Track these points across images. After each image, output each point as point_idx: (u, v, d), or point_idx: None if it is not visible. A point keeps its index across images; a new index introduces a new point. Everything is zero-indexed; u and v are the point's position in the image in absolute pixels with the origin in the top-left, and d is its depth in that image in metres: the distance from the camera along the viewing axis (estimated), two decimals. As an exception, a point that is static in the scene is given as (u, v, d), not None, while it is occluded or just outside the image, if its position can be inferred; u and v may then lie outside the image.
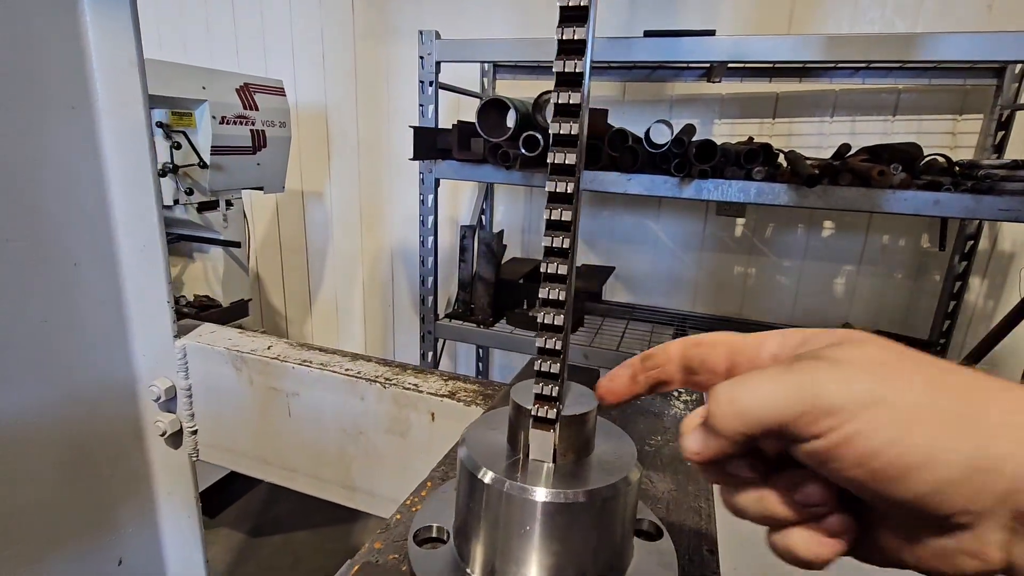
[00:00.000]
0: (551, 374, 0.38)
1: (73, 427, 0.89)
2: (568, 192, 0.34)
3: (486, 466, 0.39)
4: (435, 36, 1.91)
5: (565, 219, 0.35)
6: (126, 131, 0.84)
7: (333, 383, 0.87)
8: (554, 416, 0.39)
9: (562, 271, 0.36)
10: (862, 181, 1.62)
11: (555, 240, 0.35)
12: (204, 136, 2.10)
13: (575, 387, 0.44)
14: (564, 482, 0.38)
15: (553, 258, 0.36)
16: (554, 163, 0.34)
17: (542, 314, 0.37)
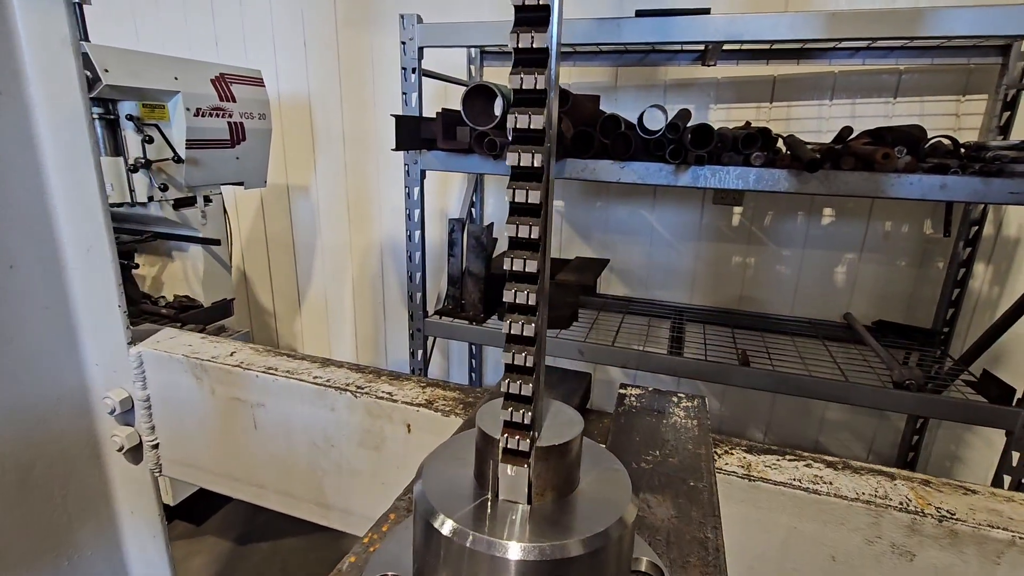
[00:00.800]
0: (522, 396, 0.31)
1: (18, 445, 0.81)
2: (536, 167, 0.26)
3: (445, 511, 0.32)
4: (417, 20, 1.82)
5: (532, 201, 0.27)
6: (63, 118, 0.76)
7: (301, 392, 0.79)
8: (527, 448, 0.31)
9: (531, 268, 0.28)
10: (865, 165, 1.55)
11: (520, 228, 0.28)
12: (178, 129, 2.00)
13: (555, 407, 0.37)
14: (542, 531, 0.31)
15: (519, 252, 0.29)
16: (515, 128, 0.26)
17: (508, 322, 0.30)
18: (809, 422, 2.50)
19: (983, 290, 2.13)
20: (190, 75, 2.01)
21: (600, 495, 0.34)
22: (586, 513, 0.33)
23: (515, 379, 0.30)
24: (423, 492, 0.34)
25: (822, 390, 1.72)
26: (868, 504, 0.56)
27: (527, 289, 0.28)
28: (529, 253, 0.27)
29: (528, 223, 0.27)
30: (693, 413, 0.65)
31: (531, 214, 0.27)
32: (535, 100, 0.25)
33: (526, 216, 0.27)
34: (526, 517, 0.32)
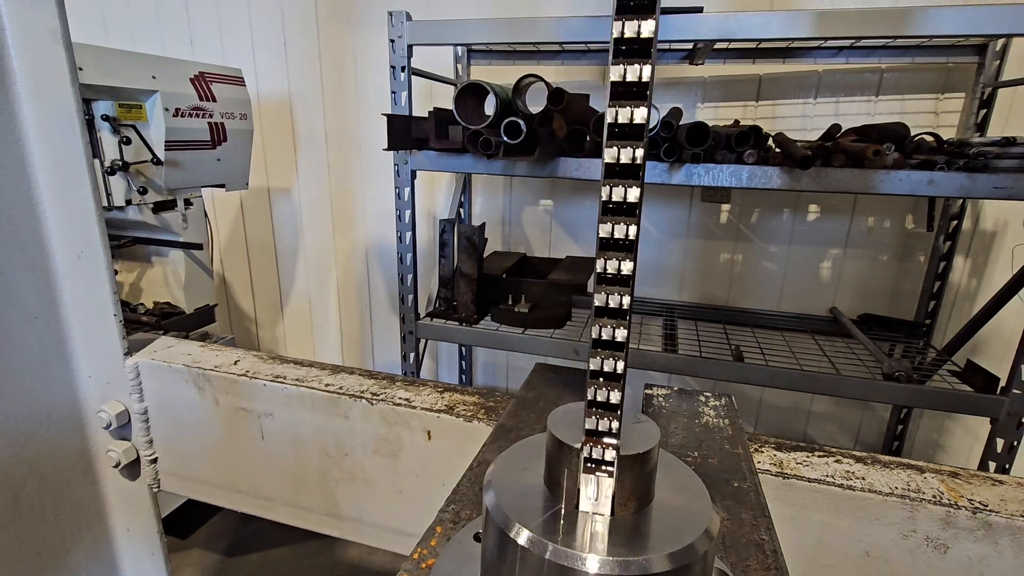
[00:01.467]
0: (610, 404, 0.29)
1: (7, 463, 0.77)
2: (636, 163, 0.25)
3: (520, 521, 0.30)
4: (406, 17, 1.79)
5: (631, 200, 0.25)
6: (53, 116, 0.71)
7: (312, 400, 0.76)
8: (613, 458, 0.30)
9: (626, 270, 0.27)
10: (855, 162, 1.58)
11: (616, 228, 0.26)
12: (157, 130, 1.93)
13: (637, 419, 0.35)
14: (628, 543, 0.29)
15: (612, 253, 0.27)
16: (615, 123, 0.24)
17: (597, 326, 0.28)
18: (797, 415, 2.54)
19: (962, 283, 2.19)
20: (168, 74, 1.94)
21: (680, 505, 0.33)
22: (669, 525, 0.31)
23: (602, 386, 0.29)
24: (497, 502, 0.32)
25: (816, 384, 1.74)
26: (903, 499, 0.56)
27: (619, 292, 0.27)
28: (624, 254, 0.26)
29: (624, 222, 0.25)
30: (723, 412, 0.65)
31: (628, 213, 0.25)
32: (637, 93, 0.23)
33: (621, 216, 0.25)
34: (608, 529, 0.31)
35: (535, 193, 2.59)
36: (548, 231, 2.64)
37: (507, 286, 2.17)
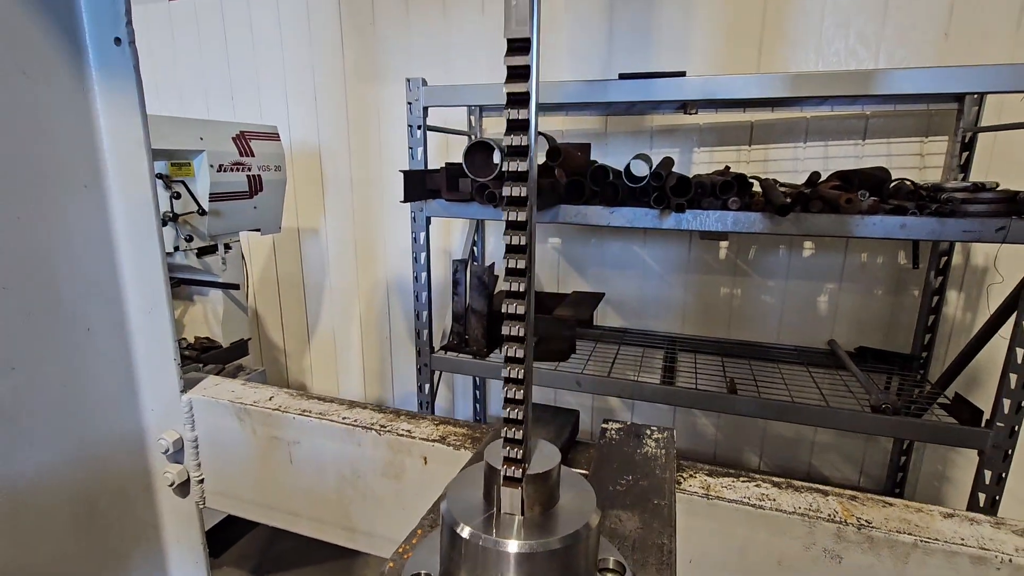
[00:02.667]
0: (516, 440, 0.44)
1: (86, 482, 0.94)
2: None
3: (464, 521, 0.45)
4: (422, 83, 2.01)
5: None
6: (134, 206, 0.91)
7: (331, 431, 0.93)
8: (520, 475, 0.45)
9: (519, 354, 0.42)
10: (832, 208, 1.70)
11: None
12: (202, 184, 2.18)
13: (541, 445, 0.50)
14: (532, 534, 0.44)
15: (512, 343, 0.43)
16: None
17: (504, 388, 0.44)
18: (801, 445, 2.60)
19: (957, 316, 2.26)
20: (214, 135, 2.19)
21: (574, 508, 0.47)
22: (563, 521, 0.46)
23: (511, 428, 0.44)
24: (448, 508, 0.47)
25: (805, 415, 1.83)
26: (804, 516, 0.69)
27: (516, 368, 0.42)
28: (519, 327, 0.41)
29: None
30: (662, 444, 0.78)
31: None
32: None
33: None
34: (520, 525, 0.46)
35: (544, 232, 2.76)
36: (556, 267, 2.79)
37: (515, 321, 2.32)
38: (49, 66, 0.83)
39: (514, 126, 0.38)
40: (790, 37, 2.22)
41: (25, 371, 0.84)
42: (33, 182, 0.83)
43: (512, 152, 0.39)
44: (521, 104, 0.38)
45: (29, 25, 0.80)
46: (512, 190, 0.41)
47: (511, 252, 0.41)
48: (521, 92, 0.37)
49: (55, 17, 0.83)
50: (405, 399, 3.31)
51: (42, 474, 0.88)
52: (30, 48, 0.81)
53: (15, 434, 0.83)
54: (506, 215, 0.41)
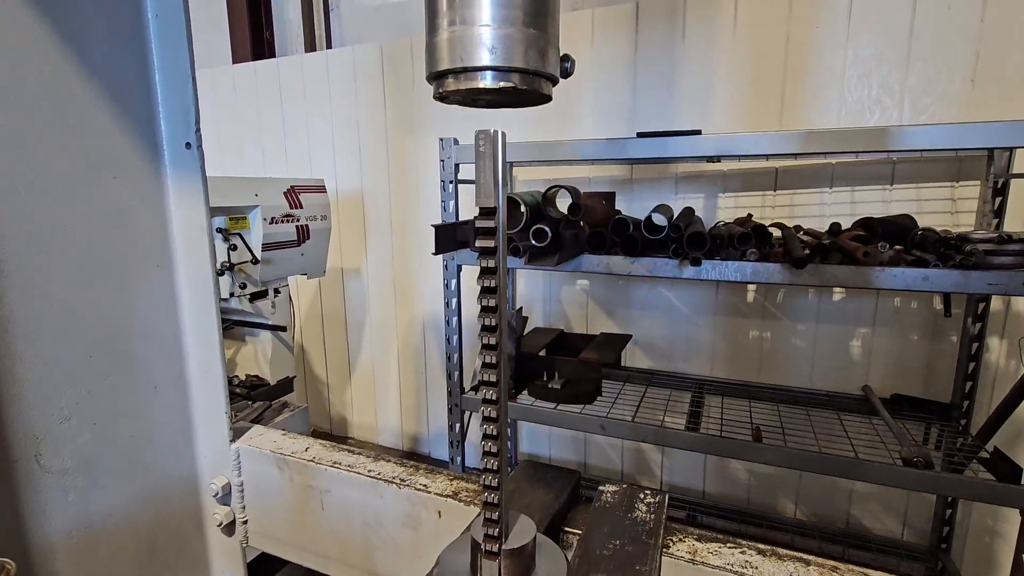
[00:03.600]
0: (494, 520, 0.53)
1: (148, 522, 1.08)
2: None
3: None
4: (454, 143, 2.16)
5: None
6: (196, 282, 1.06)
7: (358, 483, 1.03)
8: (497, 550, 0.53)
9: (494, 448, 0.51)
10: (851, 259, 1.72)
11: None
12: (256, 235, 2.38)
13: (520, 519, 0.59)
14: (506, 601, 0.52)
15: (487, 425, 0.52)
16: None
17: (483, 477, 0.53)
18: (839, 494, 2.53)
19: (1000, 364, 2.18)
20: (267, 190, 2.41)
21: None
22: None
23: (490, 511, 0.53)
24: (440, 574, 0.56)
25: (832, 467, 1.81)
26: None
27: (492, 460, 0.51)
28: (493, 429, 0.50)
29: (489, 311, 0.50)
30: (653, 509, 0.85)
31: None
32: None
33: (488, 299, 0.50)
34: (499, 593, 0.54)
35: (572, 275, 2.84)
36: (585, 308, 2.86)
37: (542, 363, 2.39)
38: (134, 169, 1.00)
39: (486, 290, 0.48)
40: (812, 88, 2.26)
41: (103, 425, 0.98)
42: (117, 264, 0.99)
43: (484, 291, 0.49)
44: (489, 254, 0.48)
45: (121, 137, 0.97)
46: (486, 309, 0.50)
47: (486, 387, 0.50)
48: (490, 247, 0.47)
49: (141, 128, 1.00)
50: (440, 434, 3.40)
51: (113, 514, 1.01)
52: (121, 155, 0.98)
53: (93, 480, 0.97)
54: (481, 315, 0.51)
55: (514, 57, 0.45)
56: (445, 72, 0.47)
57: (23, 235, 0.84)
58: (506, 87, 0.46)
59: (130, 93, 0.97)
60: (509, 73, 0.46)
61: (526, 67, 0.46)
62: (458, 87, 0.47)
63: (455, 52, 0.45)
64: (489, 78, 0.46)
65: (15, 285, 0.83)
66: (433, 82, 0.51)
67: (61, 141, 0.88)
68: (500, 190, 0.46)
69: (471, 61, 0.45)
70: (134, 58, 0.97)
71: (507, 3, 0.44)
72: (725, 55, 2.38)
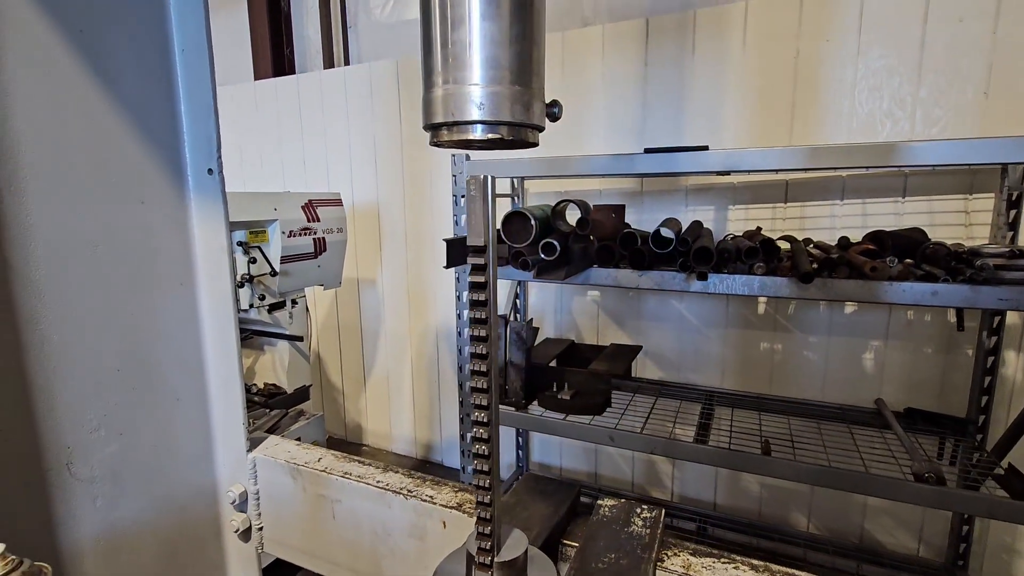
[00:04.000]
0: (487, 534, 0.57)
1: (169, 528, 1.13)
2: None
3: (448, 597, 0.58)
4: (466, 158, 2.21)
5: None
6: (217, 300, 1.12)
7: (367, 493, 1.07)
8: (490, 562, 0.57)
9: (485, 467, 0.55)
10: (859, 274, 1.72)
11: (479, 446, 0.55)
12: (275, 248, 2.46)
13: (513, 533, 0.62)
14: (498, 611, 0.56)
15: (478, 445, 0.55)
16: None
17: (476, 493, 0.56)
18: (852, 508, 2.50)
19: (1017, 378, 2.15)
20: (286, 205, 2.49)
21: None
22: (526, 602, 0.57)
23: (482, 525, 0.57)
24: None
25: (841, 481, 1.81)
26: (774, 601, 0.76)
27: (483, 478, 0.55)
28: (482, 451, 0.54)
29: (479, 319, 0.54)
30: (649, 523, 0.87)
31: (481, 324, 0.53)
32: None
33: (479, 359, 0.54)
34: (491, 603, 0.57)
35: (583, 286, 2.87)
36: (596, 319, 2.89)
37: (552, 374, 2.42)
38: (160, 194, 1.06)
39: (476, 303, 0.52)
40: (823, 102, 2.27)
41: (129, 436, 1.04)
42: (143, 283, 1.05)
43: (475, 322, 0.53)
44: (480, 289, 0.52)
45: (149, 164, 1.04)
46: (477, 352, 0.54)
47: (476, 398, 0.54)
48: (481, 282, 0.51)
49: (167, 156, 1.06)
50: (452, 442, 3.44)
51: (137, 521, 1.07)
52: (148, 181, 1.04)
53: (118, 488, 1.03)
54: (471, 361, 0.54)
55: (501, 112, 0.49)
56: (440, 124, 0.51)
57: (58, 257, 0.90)
58: (494, 138, 0.50)
59: (157, 124, 1.03)
60: (497, 126, 0.50)
61: (512, 120, 0.50)
62: (451, 138, 0.52)
63: (448, 107, 0.50)
64: (479, 131, 0.50)
65: (51, 304, 0.90)
66: (429, 131, 0.55)
67: (93, 169, 0.95)
68: (490, 230, 0.50)
69: (462, 116, 0.49)
70: (161, 91, 1.03)
71: (495, 64, 0.48)
72: (735, 69, 2.40)
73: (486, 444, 0.53)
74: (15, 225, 0.85)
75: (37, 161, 0.87)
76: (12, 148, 0.83)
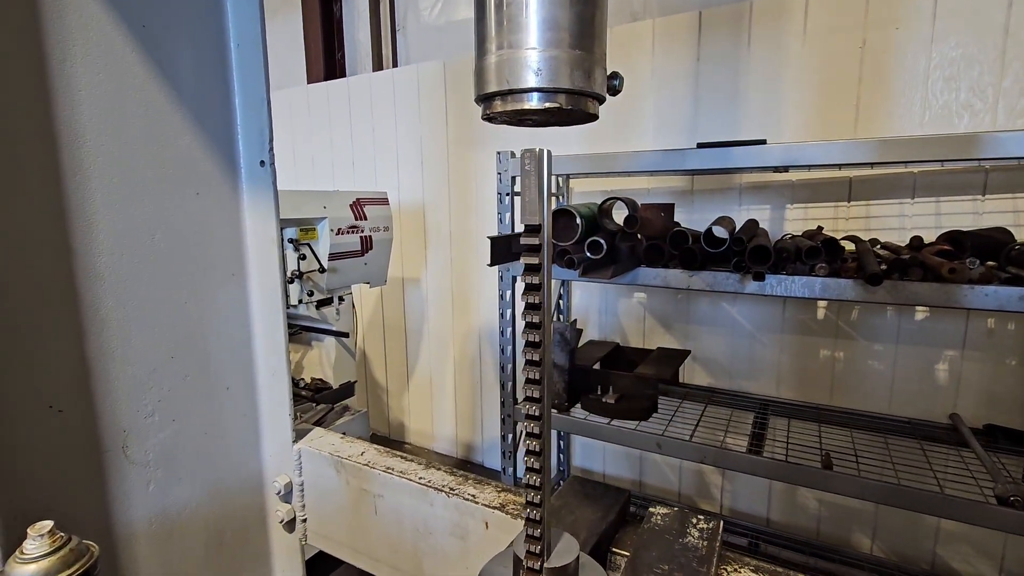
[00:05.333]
0: (536, 537, 0.53)
1: (218, 516, 1.15)
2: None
3: (493, 601, 0.54)
4: (511, 155, 2.19)
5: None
6: (267, 291, 1.13)
7: (409, 489, 1.05)
8: (539, 567, 0.53)
9: (536, 464, 0.51)
10: (934, 276, 1.59)
11: (532, 442, 0.51)
12: (323, 246, 2.51)
13: (564, 537, 0.58)
14: (546, 620, 0.52)
15: (530, 456, 0.52)
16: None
17: (525, 493, 0.53)
18: (923, 530, 2.32)
19: (1117, 395, 1.94)
20: (335, 203, 2.53)
21: (587, 600, 0.55)
22: (576, 612, 0.53)
23: (532, 527, 0.53)
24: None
25: (914, 501, 1.67)
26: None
27: (535, 476, 0.51)
28: (535, 460, 0.50)
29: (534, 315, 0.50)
30: (707, 535, 0.81)
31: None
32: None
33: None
34: (539, 611, 0.53)
35: (629, 287, 2.79)
36: (642, 321, 2.80)
37: (596, 377, 2.36)
38: (214, 185, 1.08)
39: (531, 306, 0.48)
40: (892, 94, 2.12)
41: (181, 422, 1.06)
42: (196, 273, 1.07)
43: (529, 307, 0.49)
44: (534, 271, 0.48)
45: (204, 156, 1.06)
46: (530, 319, 0.51)
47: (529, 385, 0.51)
48: (535, 264, 0.48)
49: (221, 149, 1.08)
50: (493, 444, 3.42)
51: (188, 506, 1.09)
52: (203, 173, 1.06)
53: (171, 474, 1.05)
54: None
55: (560, 78, 0.46)
56: (493, 94, 0.48)
57: (118, 245, 0.93)
58: (551, 107, 0.47)
59: (213, 116, 1.05)
60: (555, 94, 0.46)
61: (571, 87, 0.46)
62: (505, 108, 0.48)
63: (502, 74, 0.46)
64: (535, 99, 0.47)
65: (111, 290, 0.92)
66: (481, 103, 0.52)
67: (152, 160, 0.97)
68: (545, 208, 0.47)
69: (518, 83, 0.46)
70: (217, 85, 1.05)
71: (553, 26, 0.45)
72: (794, 62, 2.28)
73: (537, 439, 0.49)
74: (79, 212, 0.87)
75: (100, 151, 0.89)
76: (78, 138, 0.86)
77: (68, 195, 0.85)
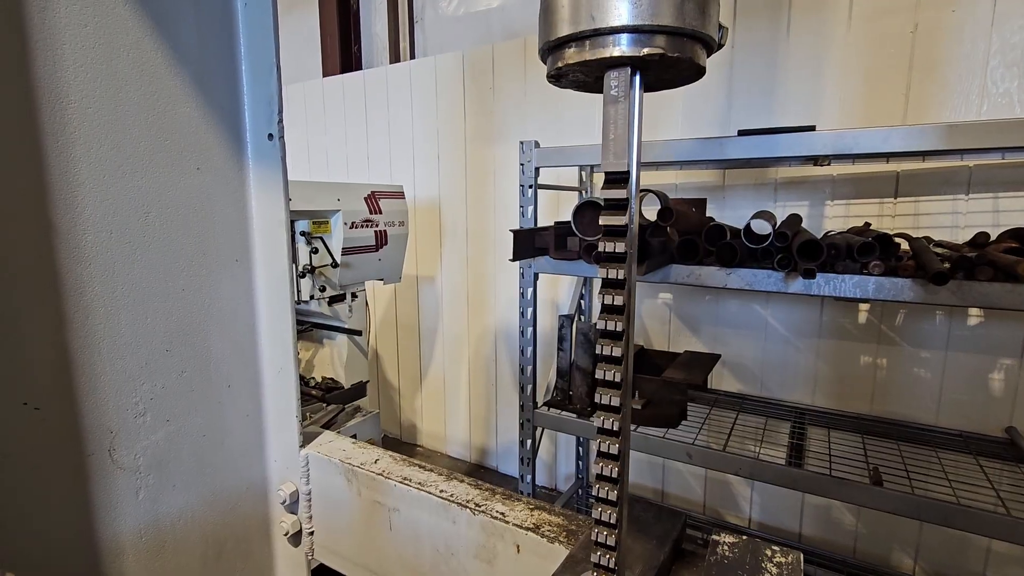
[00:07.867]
0: (607, 544, 0.41)
1: (216, 525, 1.04)
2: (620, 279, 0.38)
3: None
4: (534, 145, 2.07)
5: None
6: (274, 279, 1.02)
7: (428, 504, 0.93)
8: (609, 626, 0.41)
9: (611, 495, 0.39)
10: (1007, 276, 1.44)
11: (605, 465, 0.39)
12: (337, 239, 2.41)
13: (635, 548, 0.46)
14: None
15: (603, 483, 0.40)
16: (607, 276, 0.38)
17: (593, 531, 0.40)
18: (971, 551, 2.15)
19: None
20: (349, 196, 2.43)
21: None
22: None
23: (602, 531, 0.40)
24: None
25: (977, 524, 1.52)
26: None
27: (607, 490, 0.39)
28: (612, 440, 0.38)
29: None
30: (787, 571, 0.68)
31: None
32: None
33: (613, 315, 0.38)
34: None
35: (654, 287, 2.66)
36: (667, 324, 2.67)
37: (622, 381, 2.23)
38: (217, 159, 0.98)
39: (611, 284, 0.36)
40: (946, 82, 1.97)
41: (176, 423, 0.96)
42: (197, 257, 0.97)
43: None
44: (618, 235, 0.36)
45: (206, 127, 0.95)
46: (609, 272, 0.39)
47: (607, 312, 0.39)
48: (619, 225, 0.36)
49: (226, 119, 0.98)
50: (508, 448, 3.30)
51: (183, 515, 0.98)
52: (205, 146, 0.96)
53: (164, 478, 0.95)
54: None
55: (660, 12, 0.32)
56: (566, 40, 0.35)
57: (106, 222, 0.82)
58: (651, 54, 0.34)
59: (217, 82, 0.95)
60: (654, 35, 0.33)
61: (679, 26, 0.32)
62: (582, 58, 0.35)
63: (581, 11, 0.33)
64: (626, 43, 0.33)
65: (97, 274, 0.82)
66: (548, 56, 0.39)
67: (147, 129, 0.87)
68: (635, 148, 0.34)
69: (605, 20, 0.32)
70: (222, 47, 0.95)
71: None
72: (838, 50, 2.14)
73: (614, 461, 0.37)
74: (61, 183, 0.77)
75: (87, 115, 0.79)
76: (60, 95, 0.75)
77: (48, 161, 0.75)
